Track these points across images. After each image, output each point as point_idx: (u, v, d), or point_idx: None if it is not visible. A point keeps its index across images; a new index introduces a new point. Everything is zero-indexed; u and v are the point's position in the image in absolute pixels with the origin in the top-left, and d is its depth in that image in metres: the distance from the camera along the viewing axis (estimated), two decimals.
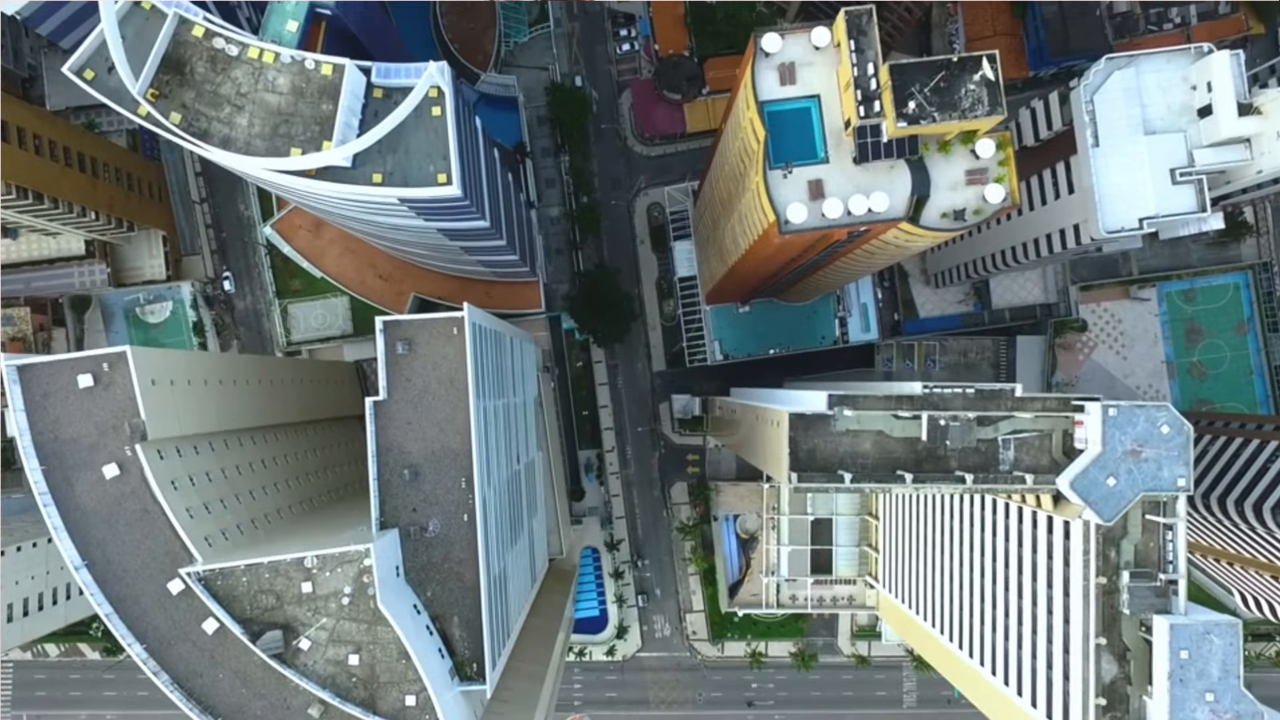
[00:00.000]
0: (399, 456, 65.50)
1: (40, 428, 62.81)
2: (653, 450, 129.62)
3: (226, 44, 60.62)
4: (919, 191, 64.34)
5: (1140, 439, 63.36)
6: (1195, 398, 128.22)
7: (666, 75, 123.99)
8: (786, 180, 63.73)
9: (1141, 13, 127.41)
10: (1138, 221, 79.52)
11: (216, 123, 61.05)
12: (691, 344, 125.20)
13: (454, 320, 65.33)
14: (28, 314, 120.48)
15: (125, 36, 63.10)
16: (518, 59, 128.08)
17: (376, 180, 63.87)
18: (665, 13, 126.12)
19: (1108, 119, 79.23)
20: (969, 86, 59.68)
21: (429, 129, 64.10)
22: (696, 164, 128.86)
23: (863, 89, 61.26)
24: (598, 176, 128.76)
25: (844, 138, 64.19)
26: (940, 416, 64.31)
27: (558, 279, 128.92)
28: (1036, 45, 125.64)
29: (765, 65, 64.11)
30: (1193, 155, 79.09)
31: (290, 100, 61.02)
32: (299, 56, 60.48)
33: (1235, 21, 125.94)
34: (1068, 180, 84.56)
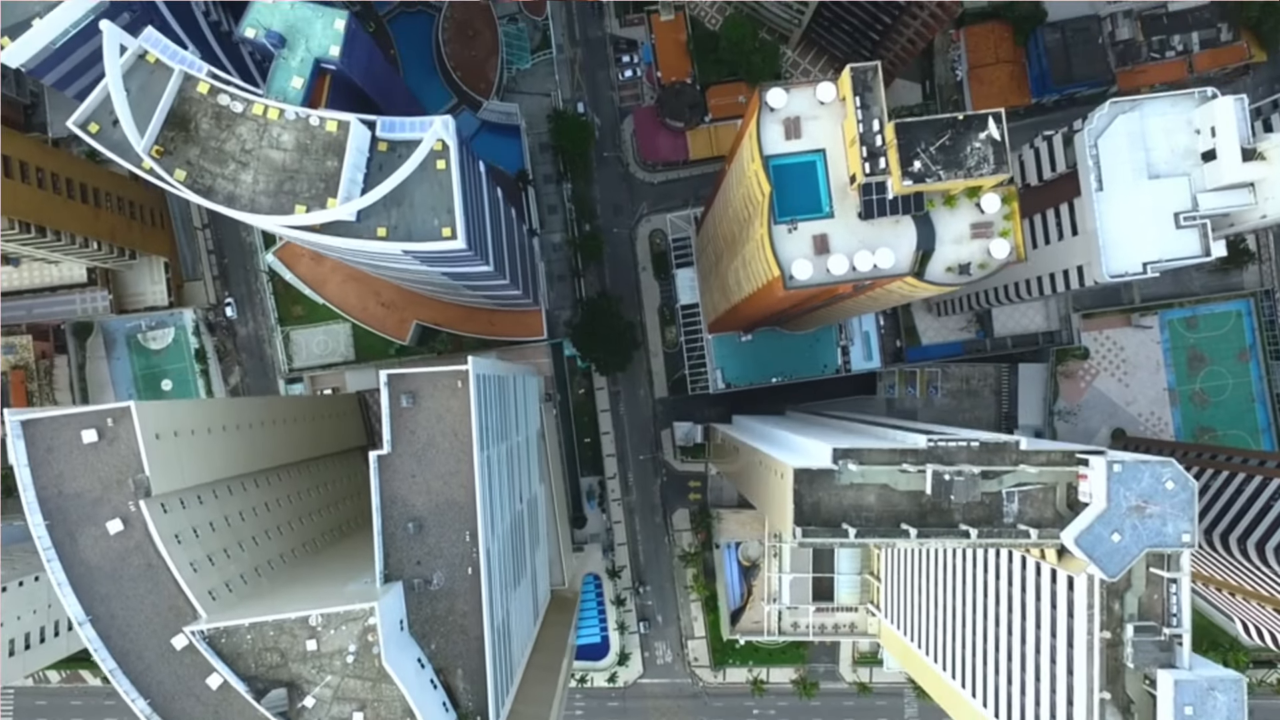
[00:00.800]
0: (403, 509, 65.49)
1: (44, 482, 62.74)
2: (654, 477, 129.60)
3: (231, 100, 60.53)
4: (924, 245, 64.29)
5: (1145, 494, 63.30)
6: (1197, 425, 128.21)
7: (669, 103, 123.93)
8: (791, 235, 63.66)
9: (1144, 40, 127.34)
10: (1141, 266, 79.48)
11: (221, 179, 60.96)
12: (693, 371, 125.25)
13: (458, 374, 65.36)
14: (29, 342, 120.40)
15: (130, 90, 63.05)
16: (520, 85, 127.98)
17: (381, 234, 63.83)
18: (667, 40, 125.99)
19: (1111, 163, 79.16)
20: (974, 144, 59.63)
21: (433, 182, 64.06)
22: (699, 190, 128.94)
23: (868, 145, 61.23)
24: (600, 203, 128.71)
25: (849, 192, 64.16)
26: (945, 471, 64.24)
27: (560, 305, 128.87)
28: (1039, 72, 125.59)
29: (770, 119, 64.06)
30: (1196, 199, 79.01)
31: (295, 157, 60.94)
32: (304, 113, 60.39)
33: (1237, 50, 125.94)
34: (1071, 222, 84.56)
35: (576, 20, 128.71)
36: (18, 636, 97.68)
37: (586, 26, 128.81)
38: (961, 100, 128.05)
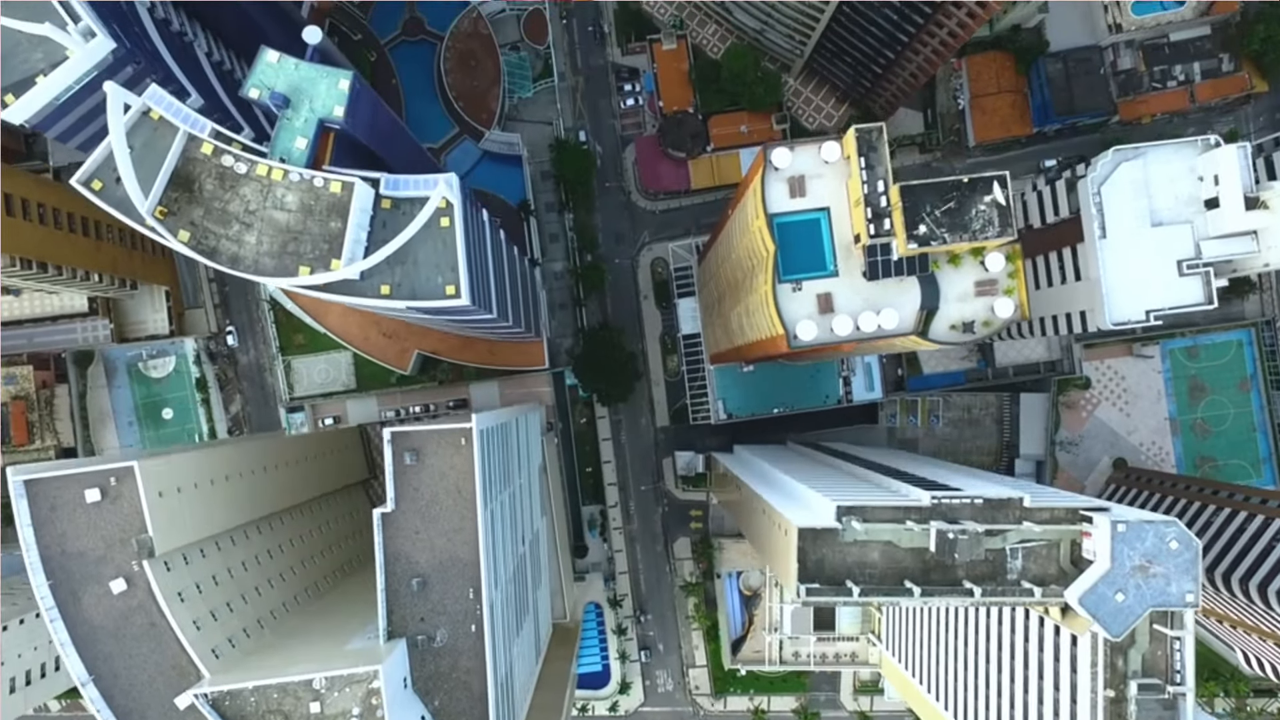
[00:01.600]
0: (407, 566, 65.43)
1: (47, 541, 62.63)
2: (656, 506, 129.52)
3: (235, 162, 60.40)
4: (928, 304, 64.24)
5: (1149, 554, 63.26)
6: (1198, 455, 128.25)
7: (670, 133, 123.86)
8: (796, 294, 63.61)
9: (1145, 70, 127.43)
10: (1144, 314, 79.51)
11: (225, 240, 60.83)
12: (695, 401, 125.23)
13: (462, 431, 65.21)
14: (30, 372, 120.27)
15: (134, 147, 62.95)
16: (521, 114, 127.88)
17: (385, 292, 63.69)
18: (669, 69, 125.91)
19: (1115, 211, 79.20)
20: (979, 207, 59.59)
21: (437, 240, 63.94)
22: (701, 218, 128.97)
23: (873, 206, 61.18)
24: (601, 231, 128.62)
25: (853, 250, 64.09)
26: (949, 530, 64.14)
27: (561, 333, 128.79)
28: (1041, 102, 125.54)
29: (774, 178, 63.98)
30: (1200, 247, 79.09)
31: (299, 218, 60.82)
32: (308, 175, 60.27)
33: (1239, 80, 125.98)
34: (1074, 266, 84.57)
35: (578, 48, 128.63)
36: (19, 674, 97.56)
37: (588, 55, 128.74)
38: (963, 129, 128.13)
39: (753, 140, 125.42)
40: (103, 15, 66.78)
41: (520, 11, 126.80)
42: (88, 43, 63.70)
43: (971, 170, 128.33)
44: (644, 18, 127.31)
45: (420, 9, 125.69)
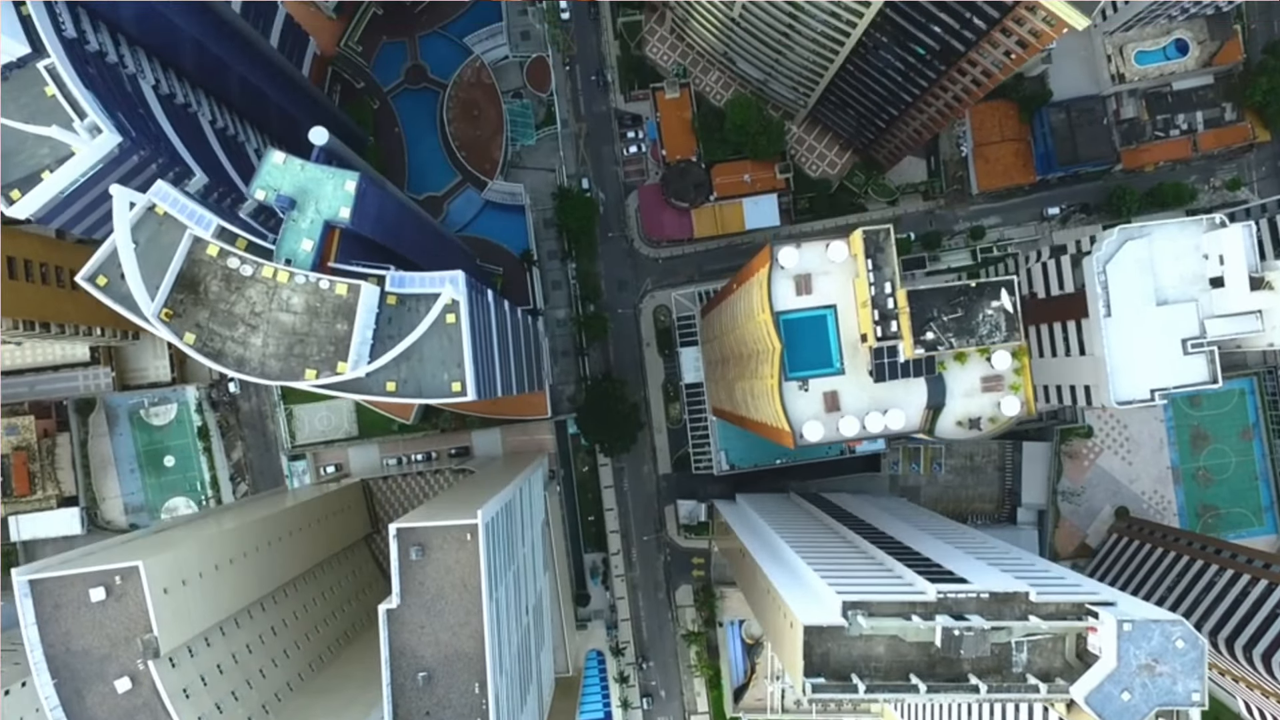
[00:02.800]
0: (412, 661, 65.37)
1: (51, 640, 62.55)
2: (658, 553, 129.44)
3: (241, 264, 60.27)
4: (934, 401, 64.20)
5: (1155, 653, 63.27)
6: (1200, 503, 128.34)
7: (674, 182, 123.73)
8: (802, 393, 63.54)
9: (1148, 120, 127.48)
10: (1149, 393, 79.54)
11: (231, 342, 60.73)
12: (697, 450, 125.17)
13: (467, 527, 65.13)
14: (32, 422, 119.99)
15: (138, 242, 62.89)
16: (524, 160, 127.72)
17: (390, 389, 63.58)
18: (672, 117, 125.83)
19: (1120, 290, 79.16)
20: (987, 312, 59.55)
21: (443, 335, 63.83)
22: (704, 265, 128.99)
23: (880, 307, 61.13)
24: (604, 278, 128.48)
25: (860, 348, 64.01)
26: (955, 627, 64.12)
27: (564, 380, 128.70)
28: (1044, 151, 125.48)
29: (781, 276, 63.94)
30: (1204, 325, 79.14)
31: (305, 320, 60.72)
32: (314, 278, 60.15)
33: (1241, 130, 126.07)
34: (1079, 340, 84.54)
35: (581, 95, 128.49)
36: None
37: (591, 101, 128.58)
38: (966, 177, 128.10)
39: (756, 189, 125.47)
40: (108, 106, 66.61)
41: (523, 59, 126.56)
42: (94, 139, 63.51)
43: (974, 218, 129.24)
44: (647, 66, 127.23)
45: (423, 57, 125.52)
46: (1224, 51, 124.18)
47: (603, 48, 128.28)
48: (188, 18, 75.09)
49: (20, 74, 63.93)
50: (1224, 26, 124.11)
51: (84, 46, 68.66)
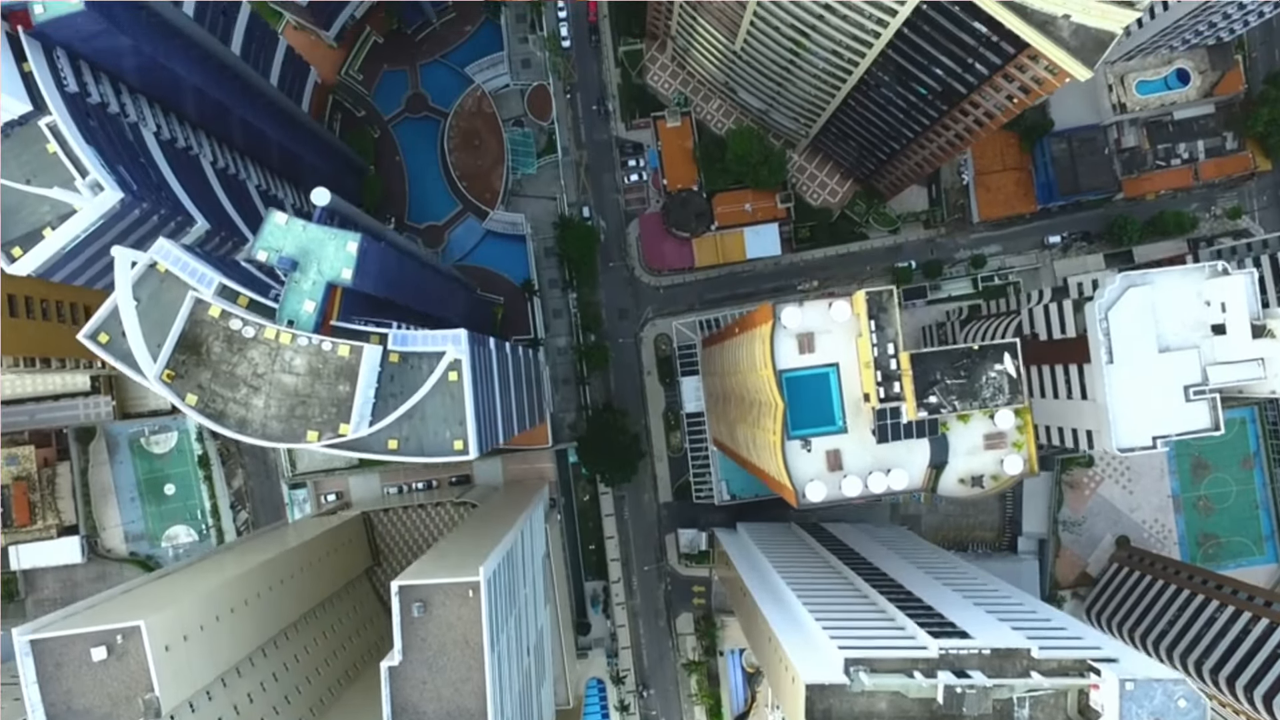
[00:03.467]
0: (414, 717, 65.28)
1: (52, 699, 62.40)
2: (659, 581, 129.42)
3: (243, 325, 60.19)
4: (937, 460, 64.18)
5: (1157, 712, 63.20)
6: (1201, 532, 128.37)
7: (675, 212, 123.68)
8: (806, 453, 63.47)
9: (1149, 149, 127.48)
10: (1151, 440, 79.48)
11: (233, 404, 60.67)
12: (698, 479, 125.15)
13: (469, 584, 65.05)
14: (32, 452, 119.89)
15: (140, 300, 62.92)
16: (525, 189, 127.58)
17: (392, 447, 63.56)
18: (673, 146, 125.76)
19: (1122, 337, 79.07)
20: (989, 374, 59.50)
21: (445, 394, 63.76)
22: (705, 294, 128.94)
23: (883, 369, 61.09)
24: (604, 307, 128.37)
25: (862, 406, 63.96)
26: (957, 685, 64.09)
27: (564, 408, 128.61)
28: (1045, 180, 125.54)
29: (784, 335, 63.86)
30: (1206, 372, 79.03)
31: (307, 381, 60.65)
32: (316, 340, 60.07)
33: (1242, 159, 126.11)
34: (1080, 385, 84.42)
35: (582, 123, 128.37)
36: None
37: (592, 129, 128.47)
38: (968, 205, 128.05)
39: (757, 218, 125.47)
40: (110, 160, 66.54)
41: (524, 87, 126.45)
42: (96, 196, 63.41)
43: (976, 246, 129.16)
44: (648, 94, 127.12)
45: (424, 85, 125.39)
46: (1225, 81, 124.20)
47: (604, 75, 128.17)
48: (190, 67, 75.01)
49: (22, 131, 63.82)
50: (1225, 56, 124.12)
51: (86, 99, 68.53)
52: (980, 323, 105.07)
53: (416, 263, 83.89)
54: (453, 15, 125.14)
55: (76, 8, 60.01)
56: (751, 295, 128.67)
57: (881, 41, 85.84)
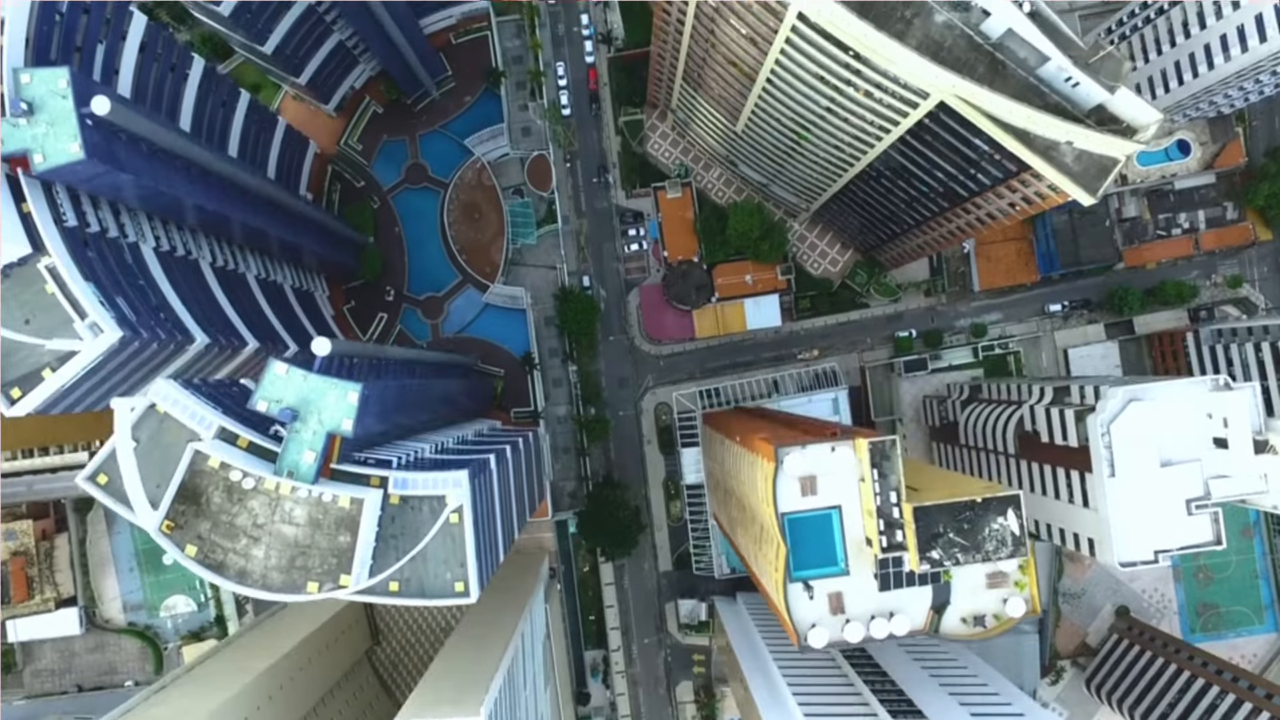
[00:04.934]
0: None
1: None
2: (659, 650, 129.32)
3: (243, 476, 59.91)
4: (939, 600, 64.07)
5: None
6: (1200, 602, 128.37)
7: (675, 285, 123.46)
8: (808, 597, 63.33)
9: (1150, 219, 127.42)
10: (1153, 554, 79.39)
11: (233, 554, 60.41)
12: (697, 550, 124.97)
13: None
14: (30, 526, 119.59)
15: (139, 440, 62.59)
16: (525, 258, 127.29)
17: (393, 589, 63.30)
18: (674, 217, 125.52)
19: (1124, 451, 78.93)
20: (992, 527, 59.36)
21: (446, 535, 63.49)
22: (705, 363, 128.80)
23: (885, 517, 60.94)
24: (605, 375, 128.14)
25: (865, 549, 63.79)
26: None
27: (564, 476, 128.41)
28: (1046, 251, 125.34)
29: (786, 478, 63.66)
30: (1209, 486, 78.93)
31: (308, 532, 60.40)
32: (316, 491, 59.81)
33: (1243, 230, 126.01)
34: (1083, 493, 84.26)
35: (582, 192, 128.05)
36: None
37: (592, 198, 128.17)
38: (969, 274, 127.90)
39: (758, 290, 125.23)
40: (109, 294, 66.29)
41: (525, 155, 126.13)
42: (96, 337, 63.11)
43: (976, 314, 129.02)
44: (649, 164, 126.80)
45: (423, 155, 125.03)
46: (1226, 153, 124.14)
47: (604, 144, 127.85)
48: (190, 188, 74.71)
49: (21, 271, 63.49)
50: (1226, 128, 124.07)
51: (85, 230, 68.21)
52: (981, 407, 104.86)
53: (417, 380, 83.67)
54: (452, 85, 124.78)
55: (77, 157, 59.64)
56: (752, 363, 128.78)
57: (884, 144, 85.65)
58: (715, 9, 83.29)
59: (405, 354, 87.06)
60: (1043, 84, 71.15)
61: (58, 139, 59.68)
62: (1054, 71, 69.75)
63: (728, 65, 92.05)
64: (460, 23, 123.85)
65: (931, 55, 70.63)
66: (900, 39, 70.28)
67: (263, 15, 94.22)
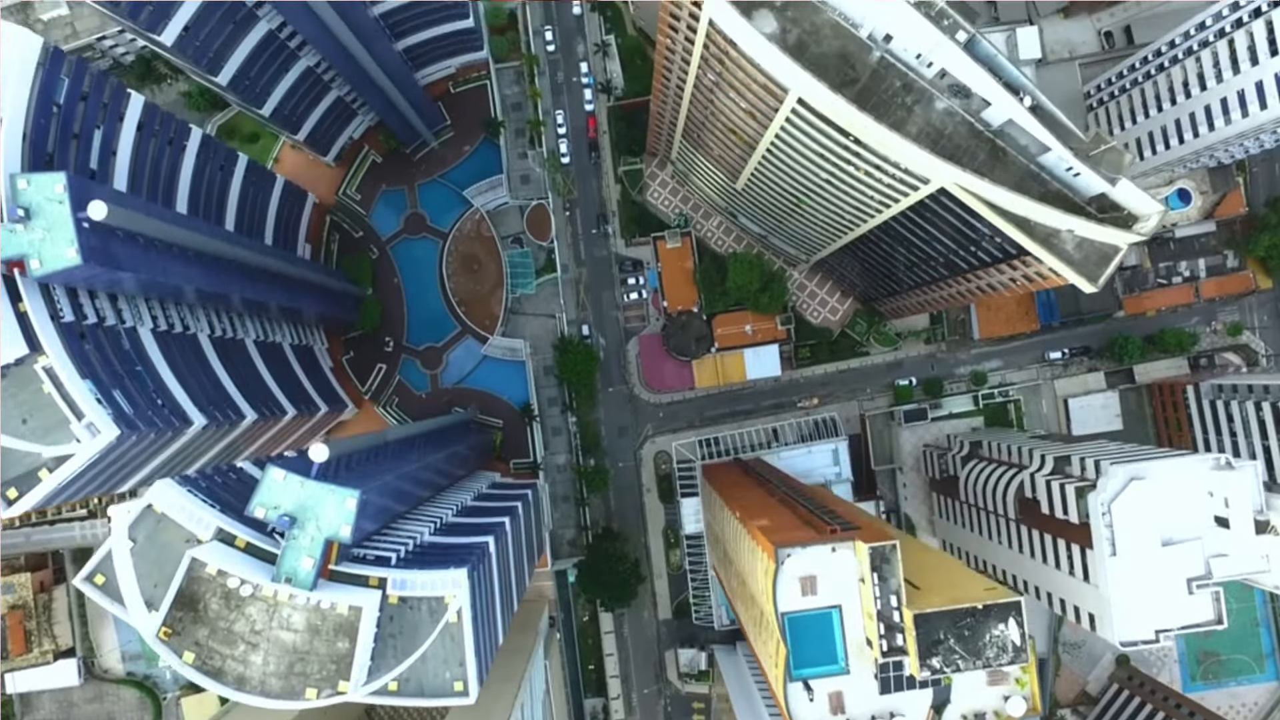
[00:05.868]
0: None
1: None
2: (659, 699, 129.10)
3: (241, 584, 59.68)
4: (939, 699, 63.88)
5: None
6: (1201, 650, 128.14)
7: (675, 336, 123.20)
8: (808, 700, 63.14)
9: (1151, 267, 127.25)
10: (1154, 634, 79.16)
11: (231, 660, 60.19)
12: (696, 600, 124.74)
13: None
14: (28, 579, 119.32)
15: (135, 540, 62.68)
16: (524, 307, 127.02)
17: (392, 689, 63.13)
18: (673, 268, 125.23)
19: (1125, 530, 78.62)
20: (994, 634, 59.16)
21: (446, 636, 63.34)
22: (705, 411, 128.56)
23: (885, 621, 60.73)
24: (604, 424, 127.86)
25: (865, 648, 63.58)
26: None
27: (563, 523, 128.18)
28: (1046, 300, 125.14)
29: (787, 578, 63.43)
30: (1210, 565, 78.68)
31: (306, 638, 60.18)
32: (314, 598, 59.58)
33: (1243, 279, 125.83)
34: (1083, 567, 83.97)
35: (582, 240, 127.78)
36: None
37: (592, 246, 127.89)
38: (969, 323, 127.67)
39: (758, 340, 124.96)
40: (105, 386, 66.02)
41: (524, 204, 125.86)
42: (93, 438, 62.86)
43: (976, 361, 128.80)
44: (649, 212, 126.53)
45: (422, 205, 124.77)
46: (1226, 202, 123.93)
47: (603, 192, 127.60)
48: (188, 273, 74.46)
49: (18, 371, 63.16)
50: (1226, 178, 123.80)
51: (82, 322, 67.91)
52: (981, 465, 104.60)
53: (417, 458, 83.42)
54: (451, 134, 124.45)
55: (74, 262, 59.36)
56: (752, 411, 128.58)
57: (884, 216, 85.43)
58: (714, 83, 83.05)
59: (404, 432, 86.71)
60: (1044, 171, 70.93)
61: (55, 245, 59.40)
62: (1055, 160, 69.53)
63: (727, 132, 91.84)
64: (459, 71, 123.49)
65: (932, 143, 70.45)
66: (901, 127, 70.08)
67: (260, 81, 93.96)
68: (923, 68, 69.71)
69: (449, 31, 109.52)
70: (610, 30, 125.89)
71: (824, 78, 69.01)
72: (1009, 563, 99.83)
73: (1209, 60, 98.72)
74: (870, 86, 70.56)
